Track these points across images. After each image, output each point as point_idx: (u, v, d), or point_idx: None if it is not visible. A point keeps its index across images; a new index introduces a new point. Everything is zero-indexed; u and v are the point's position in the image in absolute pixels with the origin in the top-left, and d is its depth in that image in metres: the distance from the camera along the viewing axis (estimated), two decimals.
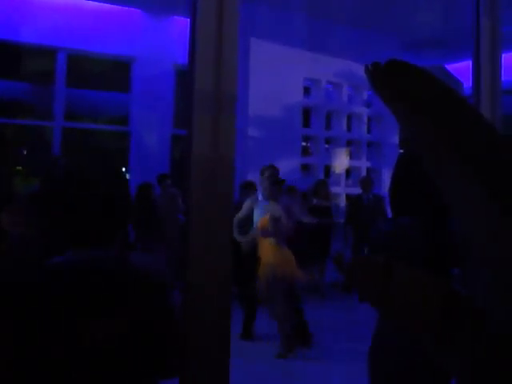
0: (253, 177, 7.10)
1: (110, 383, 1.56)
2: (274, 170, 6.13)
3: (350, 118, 10.61)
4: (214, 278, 1.72)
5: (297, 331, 6.03)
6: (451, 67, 10.30)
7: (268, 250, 5.79)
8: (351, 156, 10.71)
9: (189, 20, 1.74)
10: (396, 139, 10.67)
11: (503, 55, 2.55)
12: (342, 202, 10.25)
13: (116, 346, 1.55)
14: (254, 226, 6.04)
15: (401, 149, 10.57)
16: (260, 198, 6.19)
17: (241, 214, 6.15)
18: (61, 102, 9.23)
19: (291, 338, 5.88)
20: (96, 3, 9.12)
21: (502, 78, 2.58)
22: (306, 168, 10.15)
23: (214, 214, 1.69)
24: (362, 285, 0.76)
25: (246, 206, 6.22)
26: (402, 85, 0.71)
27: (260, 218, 5.97)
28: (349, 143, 10.65)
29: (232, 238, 1.80)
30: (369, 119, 10.79)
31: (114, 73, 10.30)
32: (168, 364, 1.72)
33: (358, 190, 9.61)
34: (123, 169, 9.28)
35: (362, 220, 8.87)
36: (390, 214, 2.44)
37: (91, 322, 1.51)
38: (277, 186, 6.09)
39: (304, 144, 10.34)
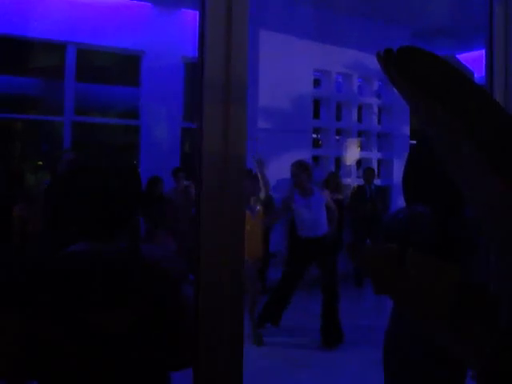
0: None
1: (121, 374, 1.56)
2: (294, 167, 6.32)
3: (360, 108, 10.55)
4: (226, 270, 1.71)
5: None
6: (462, 57, 10.22)
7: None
8: (362, 147, 10.66)
9: (198, 12, 1.72)
10: (407, 130, 10.61)
11: None
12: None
13: (127, 337, 1.55)
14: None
15: (412, 139, 10.52)
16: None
17: None
18: (71, 96, 9.24)
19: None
20: None
21: None
22: (316, 160, 10.12)
23: (225, 207, 1.68)
24: (376, 273, 0.76)
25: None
26: (415, 70, 0.69)
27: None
28: (359, 134, 10.60)
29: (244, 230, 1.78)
30: (379, 110, 10.73)
31: (124, 67, 10.30)
32: (180, 356, 1.72)
33: None
34: (134, 162, 9.28)
35: (364, 211, 8.88)
36: (394, 204, 2.44)
37: (101, 313, 1.51)
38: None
39: (314, 136, 10.31)
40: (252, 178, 6.19)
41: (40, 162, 9.75)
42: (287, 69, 9.03)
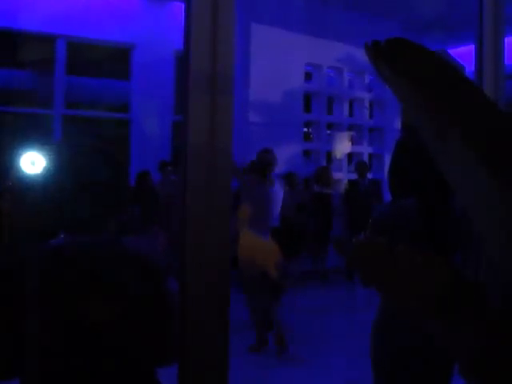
0: None
1: (106, 370, 1.55)
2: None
3: (351, 103, 10.57)
4: (212, 266, 1.70)
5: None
6: (453, 51, 10.24)
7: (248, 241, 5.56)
8: (353, 141, 10.68)
9: (183, 4, 1.70)
10: (398, 124, 10.64)
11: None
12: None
13: (110, 331, 1.53)
14: None
15: (402, 133, 10.53)
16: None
17: None
18: (60, 89, 9.19)
19: (264, 330, 5.73)
20: None
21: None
22: (307, 154, 10.13)
23: (211, 201, 1.67)
24: (362, 266, 0.75)
25: None
26: (405, 63, 0.68)
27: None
28: (350, 128, 10.62)
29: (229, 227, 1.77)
30: (370, 104, 10.75)
31: (114, 60, 10.26)
32: (164, 351, 1.70)
33: None
34: (118, 154, 9.26)
35: (359, 205, 8.89)
36: (387, 197, 2.44)
37: (83, 307, 1.49)
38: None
39: (305, 129, 10.31)
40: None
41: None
42: (279, 62, 9.02)
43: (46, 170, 1.62)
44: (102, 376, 1.54)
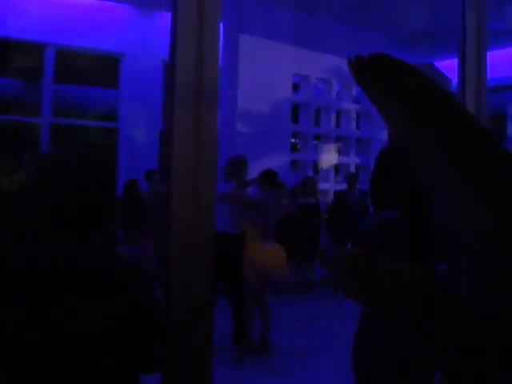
0: None
1: (93, 375, 1.55)
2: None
3: (338, 114, 10.61)
4: (196, 274, 1.71)
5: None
6: (441, 64, 10.32)
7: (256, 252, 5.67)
8: (340, 152, 10.72)
9: (171, 14, 1.72)
10: (385, 135, 10.68)
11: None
12: (331, 198, 10.28)
13: (101, 337, 1.54)
14: None
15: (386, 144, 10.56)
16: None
17: None
18: (49, 98, 9.17)
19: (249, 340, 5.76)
20: None
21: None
22: (294, 164, 10.15)
23: (195, 211, 1.68)
24: (345, 278, 0.76)
25: None
26: (386, 77, 0.69)
27: None
28: (338, 139, 10.66)
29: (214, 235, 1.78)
30: (358, 115, 10.80)
31: (103, 68, 10.25)
32: (152, 357, 1.71)
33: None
34: (106, 163, 9.23)
35: (347, 216, 8.89)
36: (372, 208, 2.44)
37: (75, 313, 1.50)
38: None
39: (293, 140, 10.34)
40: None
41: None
42: (266, 73, 9.04)
43: (35, 177, 1.63)
44: (89, 381, 1.55)
